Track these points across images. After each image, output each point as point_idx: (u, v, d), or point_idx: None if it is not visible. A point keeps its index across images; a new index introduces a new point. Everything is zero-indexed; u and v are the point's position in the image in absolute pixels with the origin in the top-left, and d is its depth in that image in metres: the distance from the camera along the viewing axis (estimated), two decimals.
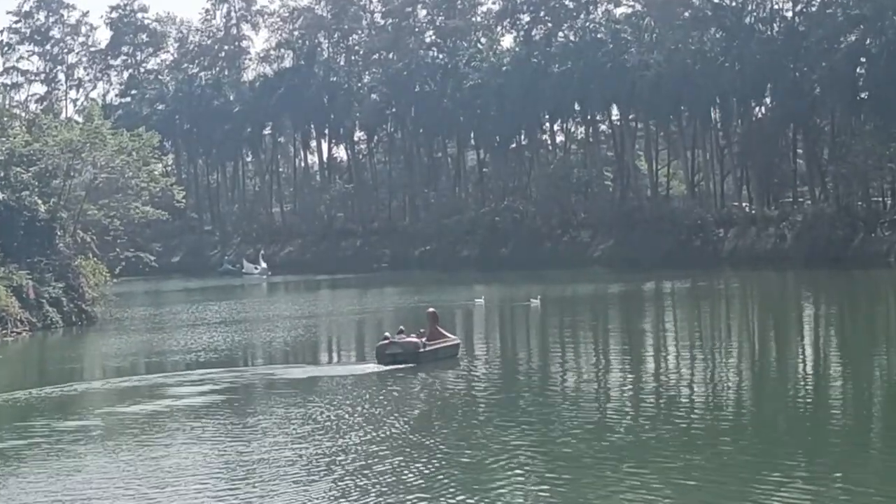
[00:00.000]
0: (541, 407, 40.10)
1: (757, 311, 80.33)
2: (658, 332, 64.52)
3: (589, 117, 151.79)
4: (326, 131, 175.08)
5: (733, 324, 72.06)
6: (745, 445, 32.52)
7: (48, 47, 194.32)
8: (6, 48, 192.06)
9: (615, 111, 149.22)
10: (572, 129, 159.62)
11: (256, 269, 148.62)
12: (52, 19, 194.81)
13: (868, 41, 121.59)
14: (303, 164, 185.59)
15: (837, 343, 59.06)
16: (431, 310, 55.47)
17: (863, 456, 31.65)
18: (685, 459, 30.66)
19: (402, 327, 52.84)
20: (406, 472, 29.81)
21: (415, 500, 27.03)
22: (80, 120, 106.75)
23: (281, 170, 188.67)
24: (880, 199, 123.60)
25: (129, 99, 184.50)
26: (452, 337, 54.26)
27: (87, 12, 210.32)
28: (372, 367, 49.78)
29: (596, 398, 42.08)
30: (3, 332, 69.74)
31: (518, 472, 29.83)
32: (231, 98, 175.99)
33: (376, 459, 31.32)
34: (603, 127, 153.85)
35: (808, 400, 40.69)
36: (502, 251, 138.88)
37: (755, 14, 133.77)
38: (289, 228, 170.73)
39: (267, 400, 43.57)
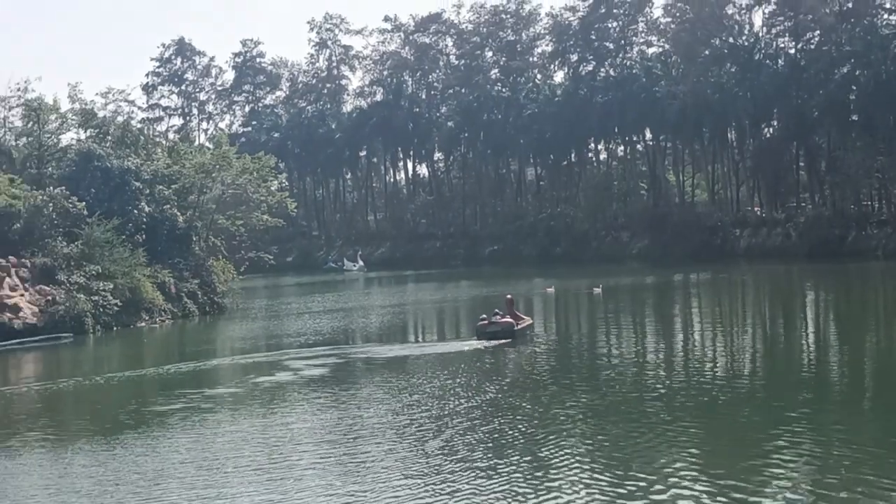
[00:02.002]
0: (605, 375, 40.05)
1: (768, 297, 79.59)
2: (687, 316, 64.03)
3: (627, 138, 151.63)
4: (411, 153, 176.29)
5: (748, 308, 71.50)
6: (759, 407, 32.48)
7: (184, 87, 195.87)
8: (150, 89, 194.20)
9: (648, 133, 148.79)
10: (613, 148, 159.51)
11: (355, 266, 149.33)
12: (186, 64, 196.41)
13: (858, 73, 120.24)
14: (392, 180, 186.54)
15: (836, 323, 58.77)
16: (509, 296, 55.64)
17: (859, 412, 31.71)
18: (729, 416, 31.10)
19: (496, 310, 52.74)
20: (507, 431, 29.61)
21: (515, 455, 26.76)
22: (211, 146, 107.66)
23: (374, 185, 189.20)
24: (869, 202, 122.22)
25: (250, 128, 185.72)
26: (527, 318, 54.43)
27: (214, 57, 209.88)
28: (471, 343, 49.77)
29: (649, 367, 41.93)
30: (151, 319, 70.64)
31: (595, 426, 29.98)
32: (333, 127, 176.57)
33: (479, 421, 31.13)
34: (639, 146, 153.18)
35: (812, 369, 40.54)
36: (556, 250, 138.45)
37: (764, 51, 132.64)
38: (381, 233, 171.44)
39: (375, 373, 43.00)
